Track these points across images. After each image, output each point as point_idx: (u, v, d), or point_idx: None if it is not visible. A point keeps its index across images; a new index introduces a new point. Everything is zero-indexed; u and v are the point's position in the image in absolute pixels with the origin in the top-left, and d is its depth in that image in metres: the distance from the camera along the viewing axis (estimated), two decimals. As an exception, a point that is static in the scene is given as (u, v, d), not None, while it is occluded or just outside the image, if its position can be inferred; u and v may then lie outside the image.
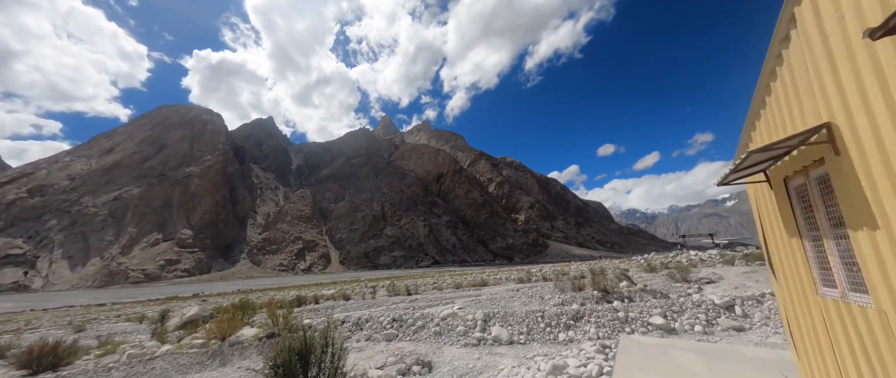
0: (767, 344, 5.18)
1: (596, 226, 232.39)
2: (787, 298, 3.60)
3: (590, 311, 7.59)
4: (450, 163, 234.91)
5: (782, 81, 2.73)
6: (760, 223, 3.95)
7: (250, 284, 77.52)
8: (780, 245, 3.46)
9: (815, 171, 2.52)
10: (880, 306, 1.99)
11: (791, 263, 3.27)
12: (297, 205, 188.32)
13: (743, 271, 13.81)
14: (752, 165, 2.88)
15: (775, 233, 3.50)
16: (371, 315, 8.88)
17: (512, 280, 20.83)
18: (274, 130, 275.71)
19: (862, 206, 1.98)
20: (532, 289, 14.70)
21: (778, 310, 4.05)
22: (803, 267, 3.01)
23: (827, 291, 2.75)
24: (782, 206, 3.15)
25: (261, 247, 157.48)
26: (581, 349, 5.10)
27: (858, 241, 2.08)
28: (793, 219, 2.99)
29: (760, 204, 3.81)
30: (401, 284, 22.22)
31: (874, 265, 1.95)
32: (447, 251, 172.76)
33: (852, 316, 2.36)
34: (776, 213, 3.37)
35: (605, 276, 13.20)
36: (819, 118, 2.24)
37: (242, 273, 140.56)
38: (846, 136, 2.01)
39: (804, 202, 2.83)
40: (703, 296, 8.75)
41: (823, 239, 2.61)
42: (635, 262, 24.84)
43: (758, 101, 3.28)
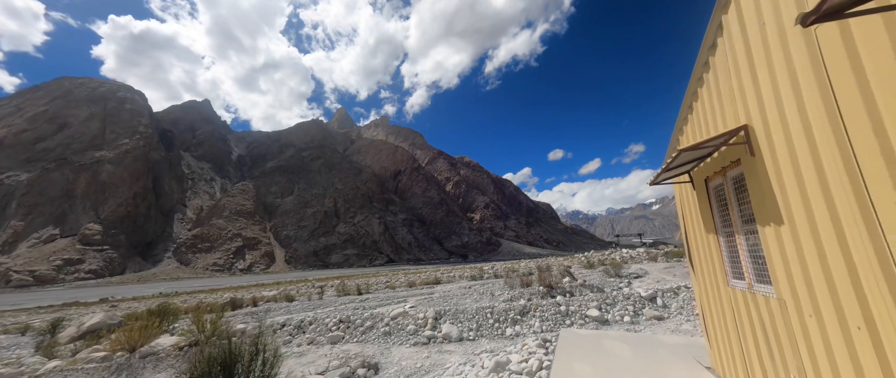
0: (681, 330, 5.87)
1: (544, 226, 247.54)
2: (703, 290, 3.88)
3: (535, 306, 7.96)
4: (408, 160, 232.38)
5: (708, 87, 2.95)
6: (683, 221, 4.22)
7: (176, 286, 68.64)
8: (699, 241, 3.72)
9: (731, 172, 2.73)
10: (780, 295, 2.19)
11: (707, 257, 3.53)
12: (237, 198, 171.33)
13: (663, 267, 15.64)
14: (679, 166, 3.06)
15: (695, 229, 3.75)
16: (315, 317, 8.33)
17: (465, 278, 21.19)
18: (210, 115, 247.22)
19: (771, 204, 2.12)
20: (484, 286, 15.07)
21: (694, 300, 4.57)
22: (717, 261, 3.25)
23: (736, 283, 2.97)
24: (702, 204, 3.37)
25: (191, 244, 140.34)
26: (524, 344, 5.29)
27: (766, 236, 2.24)
28: (711, 216, 3.21)
29: (684, 203, 4.11)
30: (351, 284, 21.35)
31: (778, 258, 2.14)
32: (402, 249, 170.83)
33: (757, 305, 2.59)
34: (697, 212, 3.62)
35: (550, 273, 14.02)
36: (738, 121, 2.41)
37: (167, 274, 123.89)
38: (760, 138, 2.15)
39: (721, 201, 3.04)
40: (632, 289, 9.71)
41: (735, 235, 2.82)
42: (577, 260, 26.88)
43: (686, 107, 3.53)
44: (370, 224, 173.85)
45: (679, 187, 4.25)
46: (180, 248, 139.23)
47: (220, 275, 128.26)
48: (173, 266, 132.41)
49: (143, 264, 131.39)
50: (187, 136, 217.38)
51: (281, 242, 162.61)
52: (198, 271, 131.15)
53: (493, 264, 36.00)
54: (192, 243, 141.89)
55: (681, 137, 3.89)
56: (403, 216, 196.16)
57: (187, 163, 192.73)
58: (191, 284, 77.12)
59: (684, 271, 13.75)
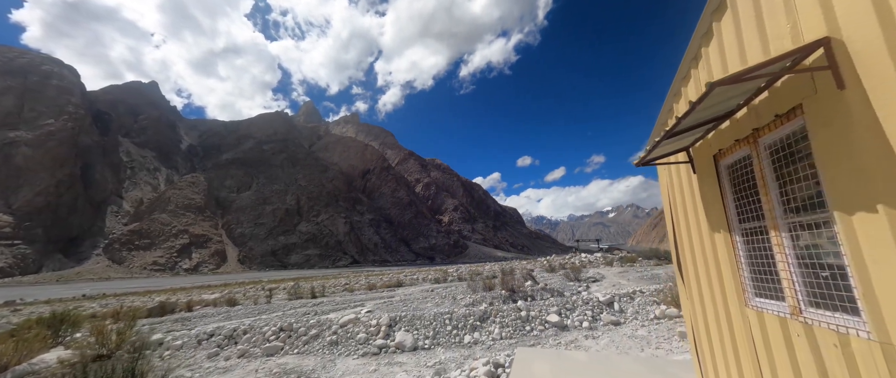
0: (637, 336, 5.83)
1: (510, 230, 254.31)
2: (698, 309, 2.98)
3: (496, 311, 7.67)
4: (378, 159, 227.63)
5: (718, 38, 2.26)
6: (671, 216, 3.26)
7: (105, 287, 60.71)
8: (695, 242, 2.91)
9: (769, 135, 1.88)
10: (887, 335, 1.29)
11: (709, 266, 2.72)
12: (184, 191, 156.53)
13: (618, 271, 16.27)
14: (679, 133, 2.15)
15: (691, 227, 2.94)
16: (253, 324, 7.37)
17: (429, 280, 20.67)
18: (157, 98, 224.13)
19: (870, 176, 1.31)
20: (447, 289, 14.67)
21: (683, 320, 3.40)
22: (729, 270, 2.44)
23: (764, 305, 2.12)
24: (707, 191, 2.63)
25: (126, 241, 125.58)
26: (472, 370, 4.75)
27: (851, 231, 1.43)
28: (721, 207, 2.45)
29: (674, 193, 3.20)
30: (307, 286, 19.95)
31: (883, 271, 1.28)
32: (368, 250, 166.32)
33: (813, 343, 1.69)
34: (695, 202, 2.84)
35: (513, 277, 13.96)
36: (805, 36, 1.55)
37: (95, 273, 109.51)
38: (859, 58, 1.32)
39: (741, 184, 2.25)
40: (590, 293, 9.81)
41: (771, 231, 1.97)
42: (539, 263, 27.48)
43: (698, 38, 2.65)
44: (335, 223, 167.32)
45: (667, 173, 3.30)
46: (113, 244, 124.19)
47: (160, 275, 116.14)
48: (103, 265, 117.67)
49: (65, 262, 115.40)
50: (128, 120, 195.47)
51: (234, 240, 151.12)
52: (133, 271, 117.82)
53: (458, 267, 35.89)
54: (129, 239, 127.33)
55: (684, 89, 2.88)
56: (371, 216, 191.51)
57: (126, 150, 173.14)
58: (123, 285, 68.71)
59: (638, 276, 14.33)
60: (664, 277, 12.66)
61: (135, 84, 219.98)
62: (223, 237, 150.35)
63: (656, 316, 6.73)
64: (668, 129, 1.96)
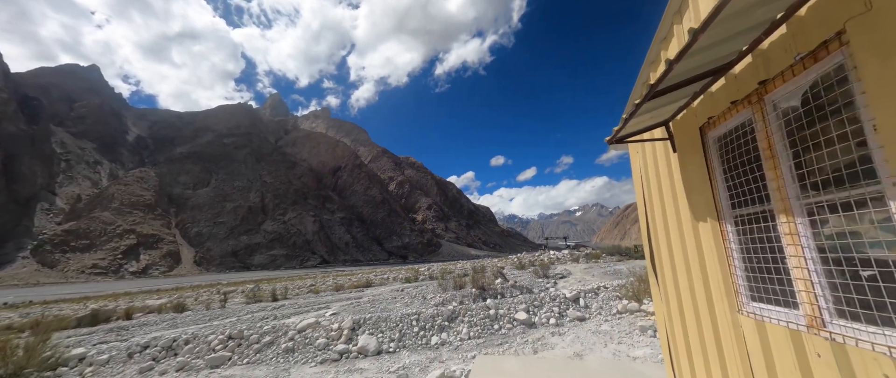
0: (601, 331, 5.93)
1: (483, 228, 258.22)
2: (675, 311, 2.55)
3: (465, 311, 7.52)
4: (350, 156, 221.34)
5: None
6: (645, 204, 2.76)
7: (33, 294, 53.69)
8: (673, 234, 2.49)
9: (783, 88, 1.48)
10: None
11: (691, 261, 2.30)
12: (131, 187, 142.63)
13: (584, 267, 16.87)
14: (663, 93, 1.73)
15: (668, 216, 2.52)
16: (199, 333, 6.66)
17: (399, 280, 20.26)
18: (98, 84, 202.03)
19: None
20: (417, 288, 14.40)
21: (656, 322, 2.80)
22: (717, 268, 2.05)
23: (767, 312, 1.71)
24: (690, 172, 2.25)
25: (61, 242, 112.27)
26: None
27: None
28: (708, 190, 2.09)
29: (649, 176, 2.70)
30: (268, 288, 18.75)
31: None
32: (339, 250, 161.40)
33: (849, 368, 1.27)
34: (674, 186, 2.44)
35: (483, 275, 13.97)
36: None
37: (21, 278, 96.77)
38: None
39: (735, 160, 1.88)
40: (558, 290, 9.98)
41: (781, 217, 1.56)
42: (510, 261, 27.96)
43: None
44: (303, 222, 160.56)
45: (640, 155, 2.82)
46: (43, 246, 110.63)
47: (102, 279, 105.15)
48: (31, 268, 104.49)
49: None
50: (62, 107, 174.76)
51: (190, 241, 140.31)
52: (69, 275, 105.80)
53: (430, 266, 35.69)
54: (63, 240, 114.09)
55: (664, 53, 2.48)
56: (342, 215, 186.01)
57: (60, 140, 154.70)
58: (55, 291, 61.24)
59: (602, 271, 14.92)
60: (626, 273, 13.25)
61: (71, 67, 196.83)
62: (177, 237, 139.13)
63: (619, 311, 6.92)
64: (649, 87, 1.55)
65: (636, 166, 2.93)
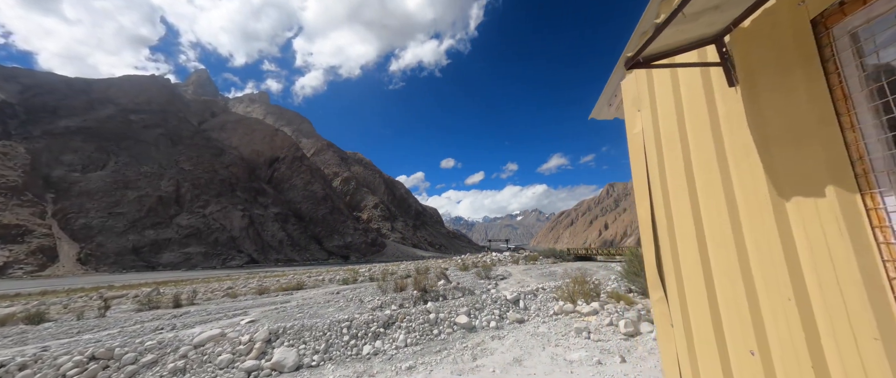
0: (539, 334, 5.92)
1: (430, 229, 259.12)
2: (706, 355, 1.58)
3: (403, 315, 7.01)
4: (290, 147, 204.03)
5: None
6: (649, 184, 1.83)
7: None
8: (712, 226, 1.57)
9: None
10: None
11: (767, 269, 1.37)
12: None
13: (523, 269, 17.54)
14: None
15: (705, 195, 1.59)
16: (47, 353, 5.03)
17: (336, 281, 18.85)
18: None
19: None
20: (355, 291, 13.44)
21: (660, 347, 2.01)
22: (852, 272, 1.12)
23: None
24: (783, 110, 1.33)
25: None
26: None
27: None
28: (835, 137, 1.19)
29: (665, 137, 1.73)
30: (172, 292, 15.84)
31: None
32: (271, 248, 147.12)
33: None
34: (724, 142, 1.52)
35: (426, 276, 13.57)
36: None
37: None
38: None
39: None
40: (499, 291, 10.03)
41: None
42: (454, 262, 28.11)
43: None
44: (229, 217, 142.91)
45: (647, 106, 1.82)
46: None
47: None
48: None
49: None
50: None
51: (74, 234, 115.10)
52: None
53: (371, 266, 34.25)
54: None
55: None
56: (276, 210, 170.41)
57: None
58: None
59: (539, 273, 15.61)
60: (560, 274, 14.02)
61: None
62: (54, 229, 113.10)
63: (555, 312, 7.07)
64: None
65: (636, 128, 1.83)
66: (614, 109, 2.22)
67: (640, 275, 7.84)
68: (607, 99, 2.09)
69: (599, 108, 2.15)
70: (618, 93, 2.02)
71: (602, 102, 2.13)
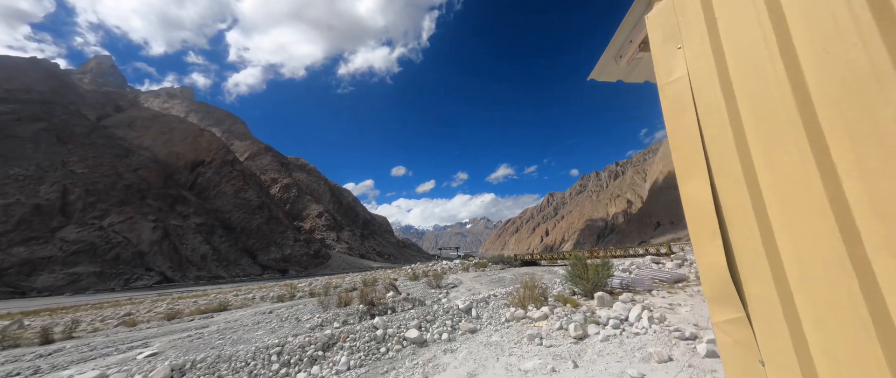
0: (491, 343, 5.74)
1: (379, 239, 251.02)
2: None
3: (346, 334, 6.31)
4: (219, 150, 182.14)
5: None
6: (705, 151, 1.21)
7: None
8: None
9: None
10: None
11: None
12: None
13: (473, 276, 17.59)
14: None
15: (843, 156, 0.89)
16: None
17: (269, 299, 16.84)
18: None
19: None
20: (292, 308, 12.05)
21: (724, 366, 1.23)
22: None
23: None
24: None
25: None
26: None
27: None
28: None
29: (750, 76, 1.07)
30: (38, 324, 12.46)
31: None
32: (191, 264, 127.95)
33: None
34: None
35: (374, 288, 12.76)
36: None
37: None
38: None
39: None
40: (450, 301, 9.75)
41: None
42: (404, 272, 27.27)
43: None
44: (137, 228, 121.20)
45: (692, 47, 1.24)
46: None
47: None
48: None
49: None
50: None
51: None
52: None
53: (312, 280, 31.63)
54: None
55: None
56: (199, 220, 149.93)
57: None
58: None
59: (489, 279, 15.74)
60: (509, 280, 14.29)
61: None
62: None
63: (507, 319, 7.00)
64: None
65: (677, 72, 1.29)
66: (625, 62, 1.61)
67: (583, 277, 8.22)
68: (617, 50, 1.59)
69: (603, 65, 1.67)
70: (635, 35, 1.51)
71: (607, 57, 1.64)
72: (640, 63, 1.63)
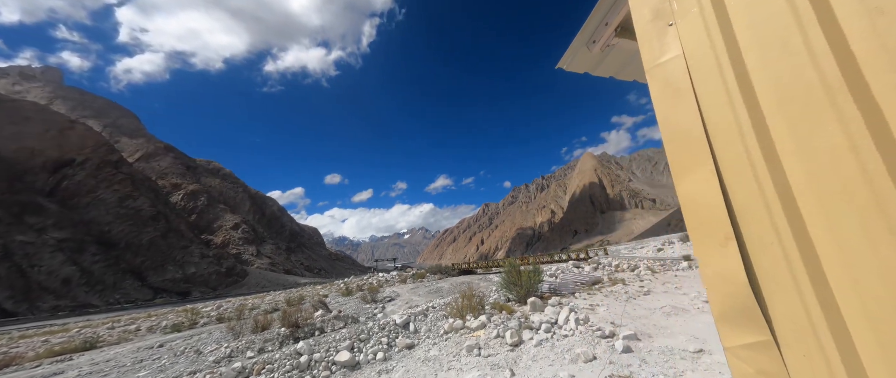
0: (430, 358, 5.51)
1: (308, 252, 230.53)
2: None
3: (262, 364, 5.42)
4: (97, 147, 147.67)
5: None
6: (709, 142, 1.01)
7: None
8: None
9: None
10: None
11: None
12: None
13: (411, 287, 17.18)
14: None
15: None
16: None
17: (161, 329, 13.88)
18: None
19: None
20: (191, 339, 10.10)
21: None
22: None
23: None
24: None
25: None
26: None
27: None
28: None
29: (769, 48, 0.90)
30: None
31: None
32: (45, 292, 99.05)
33: None
34: None
35: (300, 308, 11.46)
36: None
37: None
38: None
39: None
40: (387, 316, 9.25)
41: None
42: (337, 287, 25.33)
43: None
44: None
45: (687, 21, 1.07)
46: None
47: None
48: None
49: None
50: None
51: None
52: None
53: (221, 303, 27.28)
54: None
55: None
56: (62, 235, 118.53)
57: None
58: None
59: (427, 290, 15.51)
60: (447, 290, 14.27)
61: None
62: None
63: (446, 330, 6.86)
64: None
65: (670, 52, 1.12)
66: (599, 48, 1.43)
67: (517, 283, 8.58)
68: (590, 34, 1.39)
69: (574, 51, 1.46)
70: (611, 18, 1.34)
71: (579, 42, 1.43)
72: (613, 51, 1.49)
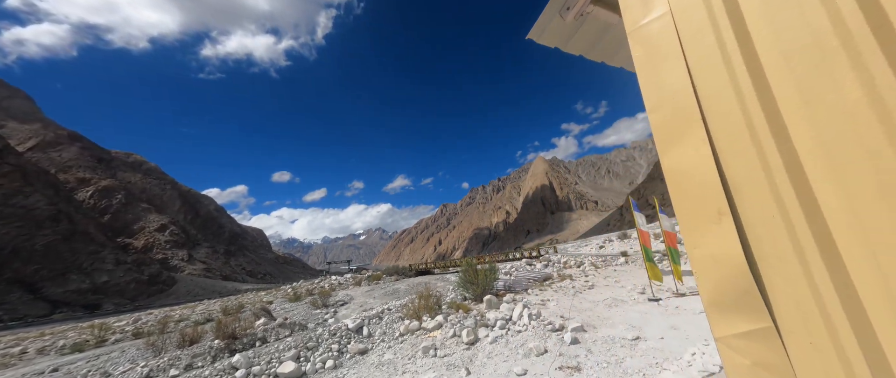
0: (384, 362, 5.29)
1: (250, 255, 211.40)
2: None
3: (188, 384, 4.73)
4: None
5: None
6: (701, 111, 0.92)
7: None
8: None
9: None
10: None
11: None
12: None
13: (366, 290, 16.56)
14: None
15: None
16: None
17: (56, 350, 11.62)
18: None
19: None
20: (97, 360, 8.63)
21: None
22: None
23: None
24: None
25: None
26: None
27: None
28: None
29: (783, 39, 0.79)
30: None
31: None
32: None
33: None
34: None
35: (238, 317, 10.37)
36: None
37: None
38: None
39: None
40: (338, 321, 8.75)
41: None
42: (282, 292, 23.54)
43: None
44: None
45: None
46: None
47: None
48: None
49: None
50: None
51: None
52: None
53: (140, 316, 23.84)
54: None
55: None
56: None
57: None
58: None
59: (383, 292, 15.07)
60: (404, 291, 13.99)
61: None
62: None
63: (401, 332, 6.66)
64: None
65: (656, 11, 1.02)
66: (572, 17, 1.34)
67: (473, 282, 8.67)
68: (562, 1, 1.32)
69: (545, 22, 1.37)
70: None
71: (551, 11, 1.32)
72: (586, 22, 1.42)
